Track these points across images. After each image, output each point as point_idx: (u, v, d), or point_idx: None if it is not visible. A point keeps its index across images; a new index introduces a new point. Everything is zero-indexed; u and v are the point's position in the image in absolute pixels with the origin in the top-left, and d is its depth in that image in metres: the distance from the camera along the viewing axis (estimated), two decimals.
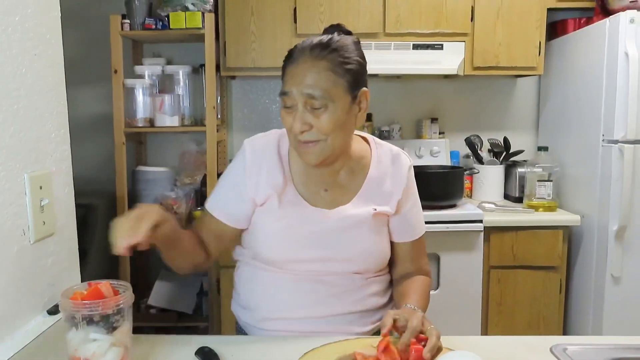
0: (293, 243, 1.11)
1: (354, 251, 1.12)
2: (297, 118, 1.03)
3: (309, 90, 1.02)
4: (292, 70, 1.04)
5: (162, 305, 2.63)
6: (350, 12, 2.50)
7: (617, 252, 2.23)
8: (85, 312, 0.85)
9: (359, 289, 1.14)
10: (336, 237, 1.11)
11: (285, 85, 1.05)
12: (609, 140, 2.23)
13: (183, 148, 2.81)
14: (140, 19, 2.45)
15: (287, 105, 1.05)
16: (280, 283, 1.13)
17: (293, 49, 1.07)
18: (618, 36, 2.15)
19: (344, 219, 1.11)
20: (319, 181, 1.14)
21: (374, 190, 1.15)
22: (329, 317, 1.12)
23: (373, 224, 1.13)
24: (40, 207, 0.96)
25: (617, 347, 1.06)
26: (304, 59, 1.04)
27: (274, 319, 1.15)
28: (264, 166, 1.13)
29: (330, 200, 1.13)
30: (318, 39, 1.06)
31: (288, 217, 1.11)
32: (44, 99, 0.99)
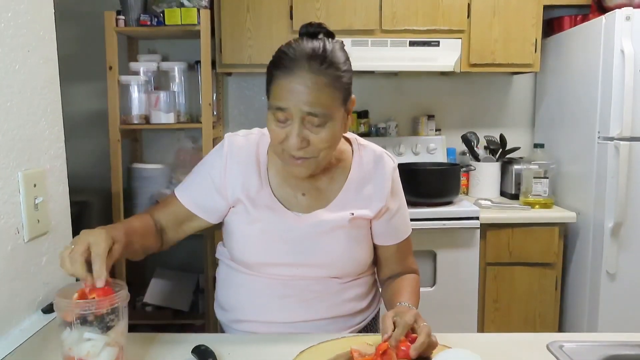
0: (267, 247, 1.08)
1: (328, 257, 1.09)
2: (293, 135, 0.97)
3: (311, 109, 0.96)
4: (289, 85, 0.95)
5: (158, 302, 2.62)
6: (346, 9, 2.49)
7: (613, 249, 2.23)
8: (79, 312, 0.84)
9: (334, 294, 1.11)
10: (310, 242, 1.08)
11: (281, 101, 0.96)
12: (604, 138, 2.24)
13: (179, 145, 2.80)
14: (135, 15, 2.43)
15: (280, 119, 0.98)
16: (254, 286, 1.11)
17: (283, 55, 0.99)
18: (614, 33, 2.16)
19: (319, 224, 1.08)
20: (297, 185, 1.11)
21: (353, 194, 1.11)
22: (300, 323, 1.11)
23: (350, 229, 1.10)
24: (34, 205, 0.95)
25: (613, 344, 1.06)
26: (301, 72, 0.95)
27: (245, 321, 1.13)
28: (241, 166, 1.10)
29: (306, 205, 1.10)
30: (311, 48, 0.97)
31: (263, 220, 1.08)
32: (38, 95, 0.98)
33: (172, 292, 2.70)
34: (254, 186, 1.09)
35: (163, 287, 2.71)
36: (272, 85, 0.99)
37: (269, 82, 1.00)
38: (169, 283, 2.73)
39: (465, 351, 0.91)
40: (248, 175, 1.09)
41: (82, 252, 0.81)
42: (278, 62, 0.98)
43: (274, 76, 0.99)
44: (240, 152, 1.11)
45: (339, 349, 0.98)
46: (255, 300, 1.11)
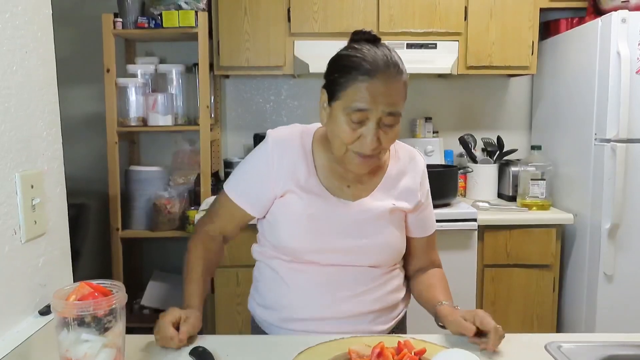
0: (317, 232, 1.12)
1: (374, 243, 1.14)
2: (371, 135, 1.04)
3: (392, 109, 1.04)
4: (372, 87, 1.01)
5: (156, 305, 2.62)
6: (344, 12, 2.50)
7: (610, 250, 2.24)
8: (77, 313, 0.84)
9: (379, 286, 1.16)
10: (357, 228, 1.14)
11: (362, 102, 1.02)
12: (601, 139, 2.25)
13: (176, 147, 2.80)
14: (132, 17, 2.43)
15: (355, 121, 1.04)
16: (304, 282, 1.15)
17: (358, 59, 1.03)
18: (610, 36, 2.17)
19: (365, 211, 1.14)
20: (343, 177, 1.16)
21: (391, 186, 1.19)
22: (352, 318, 1.14)
23: (391, 218, 1.16)
24: (31, 206, 0.95)
25: (610, 344, 1.07)
26: (383, 76, 1.02)
27: (297, 319, 1.15)
28: (287, 157, 1.15)
29: (351, 194, 1.16)
30: (384, 54, 1.04)
31: (312, 207, 1.13)
32: (35, 97, 0.98)
33: (170, 294, 2.69)
34: (303, 175, 1.14)
35: (160, 289, 2.71)
36: (349, 88, 1.03)
37: (340, 87, 1.05)
38: (167, 286, 2.73)
39: (464, 351, 0.91)
40: (296, 164, 1.14)
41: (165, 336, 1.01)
42: (354, 68, 1.03)
43: (349, 80, 1.03)
44: (285, 143, 1.16)
45: (336, 350, 0.98)
46: (307, 297, 1.14)
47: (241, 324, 2.36)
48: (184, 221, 2.53)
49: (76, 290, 0.88)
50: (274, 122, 2.92)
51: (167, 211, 2.52)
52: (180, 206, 2.55)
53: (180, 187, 2.61)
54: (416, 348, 0.97)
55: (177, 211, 2.54)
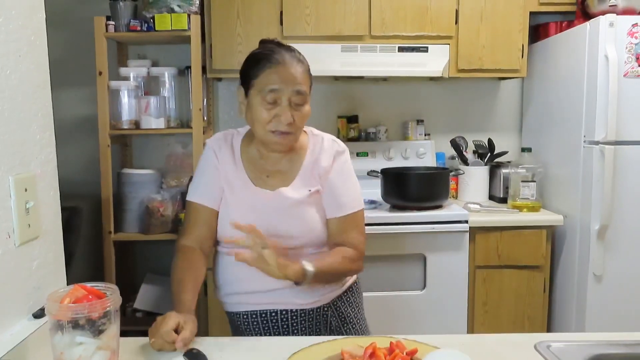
0: (243, 219, 1.21)
1: (294, 227, 1.27)
2: (284, 112, 1.22)
3: (299, 88, 1.23)
4: (280, 71, 1.22)
5: (149, 308, 2.61)
6: (336, 15, 2.51)
7: (599, 251, 2.27)
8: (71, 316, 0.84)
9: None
10: (278, 214, 1.27)
11: (274, 84, 1.22)
12: (590, 142, 2.28)
13: (169, 150, 2.80)
14: (125, 20, 2.43)
15: (269, 101, 1.22)
16: (234, 263, 1.20)
17: (265, 53, 1.25)
18: (598, 39, 2.20)
19: (284, 199, 1.28)
20: (263, 169, 1.32)
21: (309, 174, 1.32)
22: (278, 290, 1.26)
23: (309, 204, 1.29)
24: (25, 209, 0.95)
25: (599, 343, 1.08)
26: (288, 61, 1.24)
27: (234, 293, 1.32)
28: (221, 154, 1.33)
29: (272, 184, 1.31)
30: (286, 49, 1.27)
31: (239, 198, 1.29)
32: (29, 100, 0.98)
33: (163, 297, 2.69)
34: (231, 168, 1.31)
35: (153, 292, 2.70)
36: (260, 75, 1.23)
37: (253, 76, 1.24)
38: (159, 289, 2.72)
39: (455, 351, 0.92)
40: (227, 160, 1.32)
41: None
42: (264, 59, 1.24)
43: (261, 69, 1.23)
44: (219, 143, 1.35)
45: (329, 351, 0.99)
46: (238, 274, 1.29)
47: None
48: (177, 224, 2.52)
49: (70, 293, 0.89)
50: None
51: (160, 214, 2.51)
52: (173, 209, 2.55)
53: (172, 190, 2.60)
54: (408, 348, 0.98)
55: (170, 214, 2.53)
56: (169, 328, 1.03)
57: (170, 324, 1.04)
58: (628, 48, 2.19)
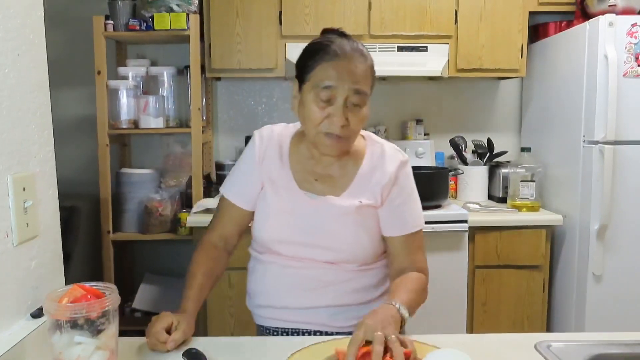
0: (283, 224, 1.17)
1: (335, 240, 1.16)
2: (338, 112, 1.08)
3: (358, 86, 1.09)
4: (338, 66, 1.08)
5: (147, 308, 2.61)
6: (335, 14, 2.51)
7: (599, 250, 2.27)
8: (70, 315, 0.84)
9: (341, 282, 1.17)
10: (322, 224, 1.16)
11: (329, 80, 1.08)
12: (589, 141, 2.27)
13: (168, 150, 2.79)
14: (124, 19, 2.43)
15: (323, 99, 1.08)
16: (270, 272, 1.20)
17: (325, 44, 1.10)
18: (598, 39, 2.20)
19: (329, 208, 1.16)
20: (311, 171, 1.20)
21: (364, 184, 1.19)
22: (311, 309, 1.17)
23: (356, 217, 1.16)
24: (23, 209, 0.95)
25: (599, 343, 1.08)
26: (348, 56, 1.09)
27: (265, 306, 1.22)
28: (268, 151, 1.21)
29: (320, 190, 1.19)
30: (349, 42, 1.12)
31: (281, 200, 1.18)
32: (28, 99, 0.98)
33: (161, 297, 2.69)
34: (276, 168, 1.20)
35: (152, 292, 2.70)
36: (316, 68, 1.09)
37: (308, 69, 1.11)
38: (158, 288, 2.72)
39: (455, 351, 0.92)
40: (273, 158, 1.21)
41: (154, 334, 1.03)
42: (322, 50, 1.10)
43: (317, 61, 1.10)
44: (267, 140, 1.23)
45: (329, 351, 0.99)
46: (272, 287, 1.20)
47: (233, 326, 2.35)
48: (176, 224, 2.52)
49: (69, 292, 0.89)
50: (266, 124, 2.84)
51: (159, 214, 2.51)
52: (172, 209, 2.54)
53: (171, 190, 2.60)
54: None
55: (169, 214, 2.53)
56: (160, 328, 1.03)
57: (162, 324, 1.04)
58: (627, 48, 2.19)
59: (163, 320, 1.05)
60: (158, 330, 1.03)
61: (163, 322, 1.04)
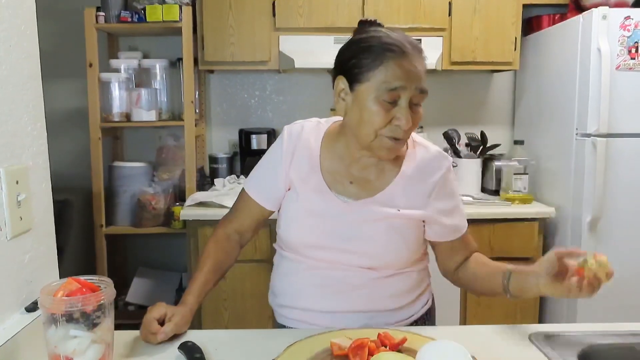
0: (313, 228, 1.12)
1: (369, 246, 1.10)
2: (405, 114, 1.01)
3: (423, 85, 1.03)
4: (404, 65, 1.00)
5: (141, 302, 2.60)
6: (329, 7, 2.50)
7: (591, 243, 2.28)
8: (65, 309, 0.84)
9: (372, 287, 1.12)
10: (354, 229, 1.10)
11: (396, 80, 1.00)
12: (582, 134, 2.29)
13: (160, 143, 2.78)
14: (115, 11, 2.41)
15: (389, 100, 1.01)
16: (297, 273, 1.16)
17: (385, 41, 1.01)
18: (591, 32, 2.20)
19: (365, 213, 1.10)
20: (347, 173, 1.13)
21: (402, 190, 1.12)
22: (339, 313, 1.12)
23: (394, 223, 1.10)
24: (16, 202, 0.94)
25: (592, 333, 1.09)
26: (411, 53, 1.01)
27: (289, 307, 1.18)
28: (297, 151, 1.15)
29: (354, 193, 1.12)
30: (403, 35, 1.04)
31: (311, 202, 1.12)
32: (20, 91, 0.96)
33: (155, 291, 2.68)
34: (305, 169, 1.13)
35: (146, 286, 2.69)
36: (379, 67, 1.00)
37: (367, 68, 1.01)
38: (152, 282, 2.72)
39: (450, 342, 0.92)
40: (302, 158, 1.14)
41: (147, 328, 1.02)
42: (382, 45, 1.01)
43: (379, 58, 1.00)
44: (297, 137, 1.16)
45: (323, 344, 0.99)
46: (297, 288, 1.16)
47: (227, 320, 2.36)
48: (169, 217, 2.51)
49: (64, 286, 0.88)
50: (259, 117, 2.91)
51: (152, 207, 2.50)
52: (165, 202, 2.53)
53: (164, 183, 2.59)
54: (396, 339, 0.98)
55: (162, 207, 2.52)
56: (151, 317, 1.02)
57: (155, 314, 1.03)
58: (620, 41, 2.20)
59: (156, 311, 1.04)
60: (150, 319, 1.02)
61: (155, 313, 1.04)
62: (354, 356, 0.93)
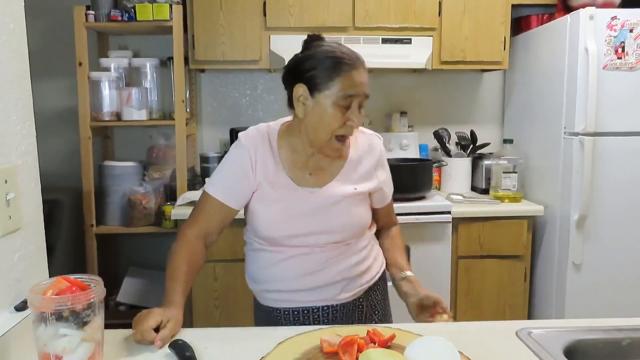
0: (288, 221, 1.24)
1: (337, 223, 1.26)
2: (357, 116, 1.20)
3: (367, 91, 1.21)
4: (357, 76, 1.18)
5: (132, 302, 2.60)
6: (320, 6, 2.50)
7: (578, 240, 2.31)
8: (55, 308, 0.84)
9: (343, 259, 1.28)
10: (322, 212, 1.25)
11: (352, 89, 1.17)
12: (570, 133, 2.31)
13: (151, 142, 2.77)
14: (105, 10, 2.39)
15: (345, 105, 1.18)
16: (277, 262, 1.26)
17: (342, 56, 1.18)
18: (578, 32, 2.23)
19: (328, 197, 1.26)
20: (304, 166, 1.27)
21: (352, 170, 1.30)
22: (318, 288, 1.26)
23: (354, 200, 1.28)
24: (5, 201, 0.94)
25: (578, 329, 1.11)
26: (359, 65, 1.20)
27: (273, 291, 1.29)
28: (259, 153, 1.26)
29: (314, 182, 1.27)
30: (350, 50, 1.21)
31: (283, 199, 1.24)
32: (8, 90, 0.96)
33: (146, 290, 2.67)
34: (271, 169, 1.25)
35: (136, 285, 2.69)
36: (336, 80, 1.17)
37: (326, 79, 1.17)
38: (143, 282, 2.71)
39: (438, 338, 0.94)
40: (266, 160, 1.26)
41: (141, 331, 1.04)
42: (338, 61, 1.17)
43: (337, 72, 1.17)
44: (256, 142, 1.27)
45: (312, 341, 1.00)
46: (280, 274, 1.27)
47: (219, 318, 2.36)
48: (160, 216, 2.51)
49: (53, 285, 0.88)
50: (250, 116, 2.91)
51: (143, 206, 2.49)
52: (156, 201, 2.53)
53: (155, 182, 2.58)
54: (385, 336, 0.99)
55: (153, 206, 2.52)
56: (149, 327, 1.03)
57: (151, 323, 1.03)
58: (607, 41, 2.22)
59: (152, 319, 1.04)
60: (146, 329, 1.02)
61: (152, 321, 1.04)
62: (343, 353, 0.94)
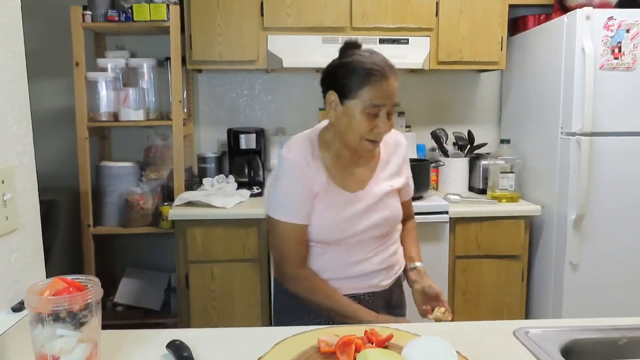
0: (340, 225, 1.33)
1: (381, 218, 1.37)
2: (385, 123, 1.27)
3: (396, 101, 1.29)
4: (385, 87, 1.25)
5: (129, 302, 2.59)
6: (317, 7, 2.51)
7: (575, 240, 2.32)
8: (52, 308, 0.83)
9: (383, 250, 1.40)
10: (369, 211, 1.35)
11: (380, 99, 1.24)
12: (567, 133, 2.32)
13: (148, 143, 2.77)
14: (102, 10, 2.39)
15: (373, 113, 1.25)
16: (326, 255, 1.35)
17: (371, 66, 1.24)
18: (575, 32, 2.23)
19: (372, 197, 1.37)
20: (345, 166, 1.36)
21: (386, 168, 1.42)
22: (362, 276, 1.37)
23: (392, 195, 1.41)
24: (2, 201, 0.93)
25: (575, 329, 1.11)
26: (389, 76, 1.26)
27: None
28: (311, 167, 1.32)
29: (356, 181, 1.37)
30: (382, 59, 1.28)
31: (333, 206, 1.33)
32: (5, 90, 0.96)
33: (143, 291, 2.67)
34: (323, 178, 1.33)
35: (134, 286, 2.68)
36: (364, 89, 1.24)
37: (356, 88, 1.25)
38: (140, 282, 2.70)
39: (436, 338, 0.94)
40: (317, 171, 1.32)
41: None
42: (368, 70, 1.24)
43: (366, 81, 1.24)
44: (304, 154, 1.33)
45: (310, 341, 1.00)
46: (328, 264, 1.36)
47: (216, 319, 2.35)
48: (157, 217, 2.50)
49: (50, 285, 0.88)
50: (248, 117, 2.91)
51: (140, 207, 2.49)
52: (153, 202, 2.52)
53: (153, 183, 2.58)
54: (383, 335, 1.00)
55: (150, 207, 2.51)
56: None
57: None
58: (604, 41, 2.23)
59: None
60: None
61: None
62: (341, 353, 0.94)
